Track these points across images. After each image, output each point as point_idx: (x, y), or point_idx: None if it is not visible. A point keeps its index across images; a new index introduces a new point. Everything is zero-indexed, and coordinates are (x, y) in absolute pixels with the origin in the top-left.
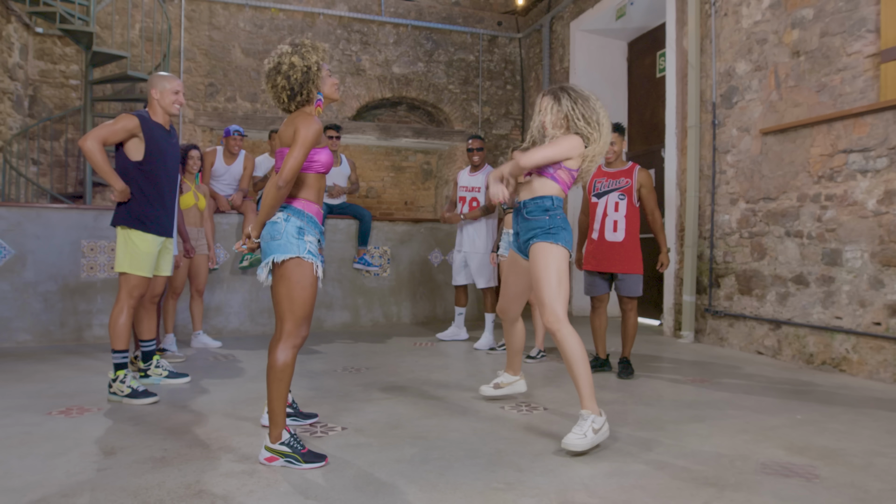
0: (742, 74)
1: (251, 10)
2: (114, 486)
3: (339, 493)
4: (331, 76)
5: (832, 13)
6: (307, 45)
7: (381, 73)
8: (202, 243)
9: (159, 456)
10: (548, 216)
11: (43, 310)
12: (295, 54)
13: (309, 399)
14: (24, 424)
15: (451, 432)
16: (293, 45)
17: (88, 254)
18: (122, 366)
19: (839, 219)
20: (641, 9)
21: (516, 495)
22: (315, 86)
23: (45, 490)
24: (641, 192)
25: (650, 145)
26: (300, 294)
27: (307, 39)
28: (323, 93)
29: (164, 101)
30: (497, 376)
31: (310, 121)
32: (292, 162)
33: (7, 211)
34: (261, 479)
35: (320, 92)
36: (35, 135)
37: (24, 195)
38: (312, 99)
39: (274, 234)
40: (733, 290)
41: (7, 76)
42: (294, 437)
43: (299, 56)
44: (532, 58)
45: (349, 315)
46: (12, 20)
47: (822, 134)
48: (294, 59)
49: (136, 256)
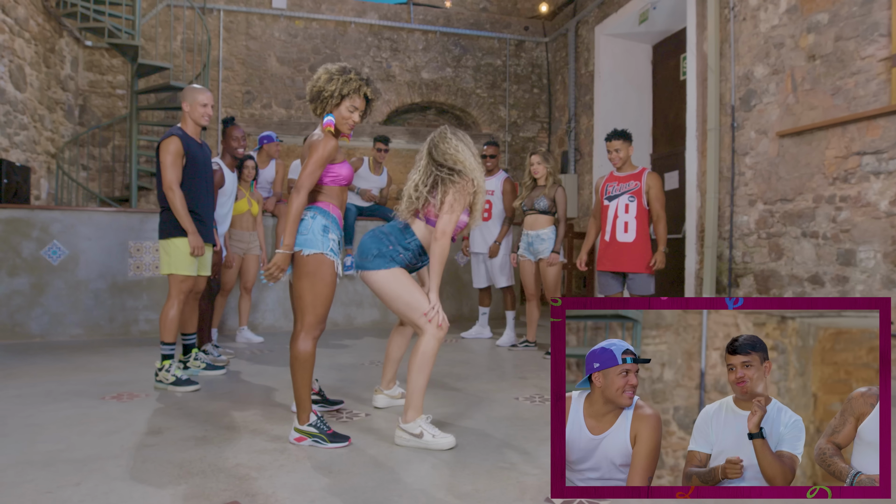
0: (760, 78)
1: (286, 20)
2: (162, 458)
3: (359, 468)
4: (352, 113)
5: (846, 18)
6: (346, 75)
7: (411, 78)
8: (255, 244)
9: (201, 435)
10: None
11: (94, 306)
12: (329, 74)
13: (336, 388)
14: (81, 407)
15: (467, 419)
16: (341, 69)
17: (135, 254)
18: (169, 356)
19: (853, 219)
20: (664, 13)
21: (519, 473)
22: (323, 108)
23: (103, 461)
24: (650, 195)
25: (674, 147)
26: (322, 290)
27: (354, 73)
28: (336, 121)
29: (194, 113)
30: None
31: (326, 140)
32: (304, 177)
33: (62, 214)
34: (290, 456)
35: (331, 114)
36: (85, 142)
37: (76, 199)
38: (321, 117)
39: (302, 229)
40: (752, 289)
41: (60, 87)
42: (320, 419)
43: (328, 77)
44: (558, 61)
45: (378, 313)
46: (64, 35)
47: (836, 136)
48: (323, 77)
49: (179, 258)
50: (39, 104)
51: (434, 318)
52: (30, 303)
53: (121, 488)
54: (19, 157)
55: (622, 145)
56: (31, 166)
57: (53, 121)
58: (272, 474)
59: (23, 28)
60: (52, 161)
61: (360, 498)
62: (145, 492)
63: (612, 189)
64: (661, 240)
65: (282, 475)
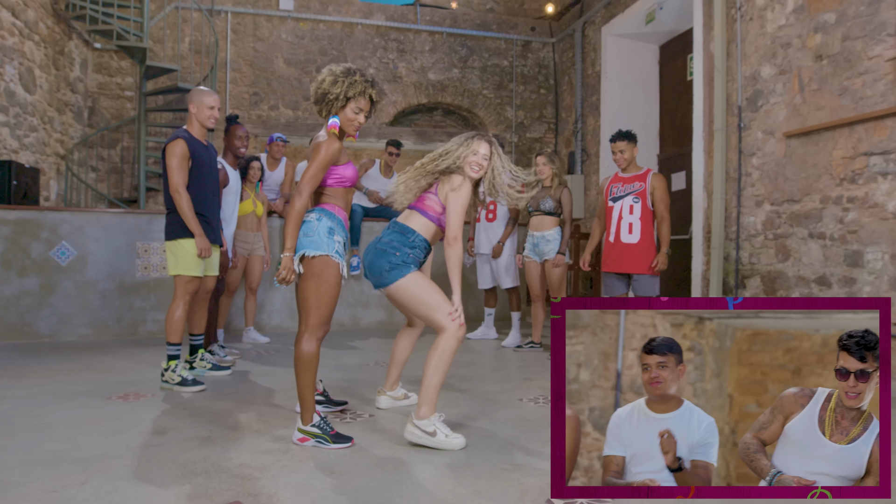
0: (767, 78)
1: (292, 21)
2: (166, 458)
3: (361, 469)
4: (357, 115)
5: (853, 17)
6: (350, 78)
7: (417, 79)
8: (259, 245)
9: (205, 435)
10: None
11: (102, 306)
12: (334, 76)
13: (341, 389)
14: (88, 407)
15: (470, 420)
16: (346, 71)
17: (143, 255)
18: (175, 357)
19: (860, 220)
20: (671, 13)
21: (521, 475)
22: (327, 111)
23: (108, 461)
24: (654, 196)
25: (681, 148)
26: (327, 291)
27: (359, 75)
28: (340, 121)
29: (200, 115)
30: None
31: (330, 141)
32: (307, 177)
33: (71, 215)
34: (293, 456)
35: (336, 115)
36: (94, 143)
37: (84, 200)
38: (326, 118)
39: (307, 231)
40: (759, 291)
41: (69, 89)
42: (324, 420)
43: (332, 79)
44: (565, 62)
45: (384, 313)
46: (73, 37)
47: (843, 137)
48: (328, 80)
49: (186, 259)
50: (49, 106)
51: (457, 318)
52: (39, 303)
53: (125, 488)
54: (29, 159)
55: (627, 146)
56: (40, 168)
57: (63, 122)
58: (275, 474)
59: (32, 31)
60: (61, 162)
61: (362, 498)
62: (149, 491)
63: (616, 190)
64: (664, 241)
65: (284, 475)
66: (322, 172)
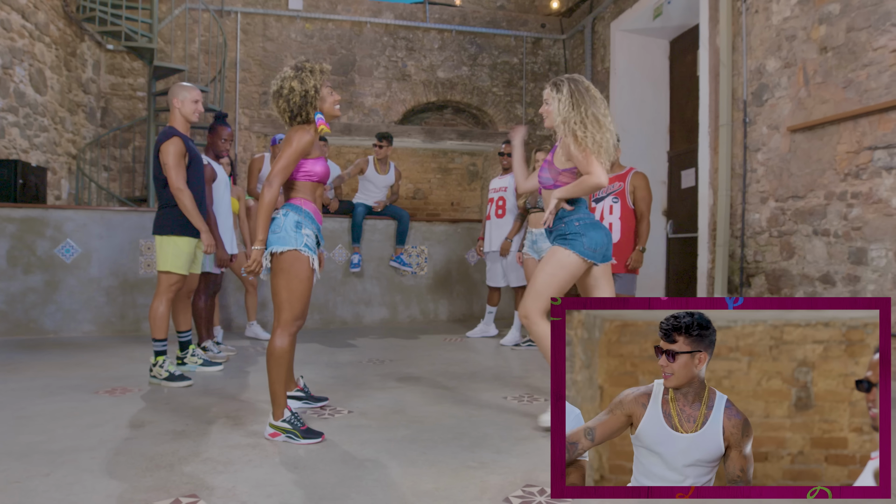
0: (772, 72)
1: (301, 21)
2: (135, 451)
3: (325, 465)
4: (332, 94)
5: (858, 7)
6: (307, 68)
7: (427, 77)
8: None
9: (180, 429)
10: (563, 223)
11: (105, 303)
12: (295, 79)
13: (327, 385)
14: (73, 401)
15: (448, 418)
16: (295, 69)
17: (146, 252)
18: (161, 352)
19: (864, 217)
20: (679, 8)
21: (486, 473)
22: (313, 107)
23: (78, 453)
24: (635, 195)
25: (691, 144)
26: (297, 286)
27: (308, 62)
28: (322, 111)
29: (184, 109)
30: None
31: (301, 132)
32: (277, 166)
33: (75, 213)
34: (261, 451)
35: (319, 112)
36: (106, 143)
37: (97, 199)
38: (311, 119)
39: (274, 227)
40: (763, 289)
41: (81, 90)
42: (295, 416)
43: (298, 81)
44: (576, 59)
45: (387, 311)
46: (86, 39)
47: (848, 130)
48: (294, 84)
49: (176, 256)
50: (60, 107)
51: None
52: (44, 300)
53: (87, 479)
54: (39, 159)
55: None
56: (50, 167)
57: (74, 123)
58: (238, 469)
59: (43, 32)
60: (73, 162)
61: (318, 493)
62: (108, 483)
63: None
64: (640, 239)
65: (247, 470)
66: (293, 164)
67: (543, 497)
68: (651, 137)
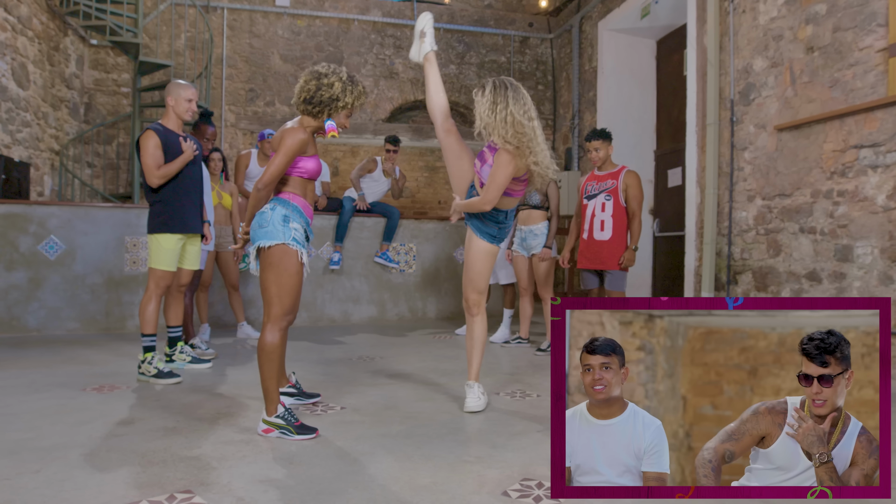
0: (759, 71)
1: (289, 18)
2: (126, 448)
3: (321, 460)
4: (347, 118)
5: (844, 8)
6: (358, 87)
7: (414, 75)
8: (229, 240)
9: (172, 426)
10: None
11: (90, 300)
12: (343, 83)
13: (318, 382)
14: (60, 398)
15: (442, 414)
16: (349, 78)
17: (131, 249)
18: (150, 349)
19: (850, 214)
20: (667, 7)
21: (483, 467)
22: (328, 113)
23: (68, 450)
24: (627, 193)
25: (678, 143)
26: (287, 281)
27: (362, 85)
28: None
29: (178, 107)
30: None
31: (295, 132)
32: (272, 168)
33: (59, 209)
34: (255, 447)
35: (331, 119)
36: (90, 139)
37: (80, 196)
38: (320, 118)
39: (261, 222)
40: (750, 286)
41: (65, 85)
42: (288, 412)
43: (342, 88)
44: (563, 58)
45: (375, 309)
46: (69, 33)
47: (834, 129)
48: (337, 85)
49: (162, 254)
50: (43, 102)
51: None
52: (27, 297)
53: (78, 476)
54: (21, 154)
55: (602, 145)
56: (33, 163)
57: (58, 118)
58: (232, 465)
59: (25, 26)
60: (55, 158)
61: (315, 489)
62: (101, 480)
63: (591, 188)
64: (632, 238)
65: (242, 466)
66: (286, 167)
67: (542, 490)
68: (638, 136)
